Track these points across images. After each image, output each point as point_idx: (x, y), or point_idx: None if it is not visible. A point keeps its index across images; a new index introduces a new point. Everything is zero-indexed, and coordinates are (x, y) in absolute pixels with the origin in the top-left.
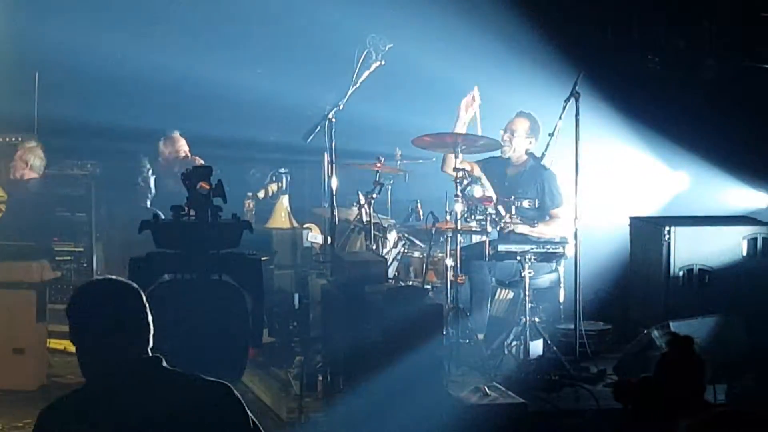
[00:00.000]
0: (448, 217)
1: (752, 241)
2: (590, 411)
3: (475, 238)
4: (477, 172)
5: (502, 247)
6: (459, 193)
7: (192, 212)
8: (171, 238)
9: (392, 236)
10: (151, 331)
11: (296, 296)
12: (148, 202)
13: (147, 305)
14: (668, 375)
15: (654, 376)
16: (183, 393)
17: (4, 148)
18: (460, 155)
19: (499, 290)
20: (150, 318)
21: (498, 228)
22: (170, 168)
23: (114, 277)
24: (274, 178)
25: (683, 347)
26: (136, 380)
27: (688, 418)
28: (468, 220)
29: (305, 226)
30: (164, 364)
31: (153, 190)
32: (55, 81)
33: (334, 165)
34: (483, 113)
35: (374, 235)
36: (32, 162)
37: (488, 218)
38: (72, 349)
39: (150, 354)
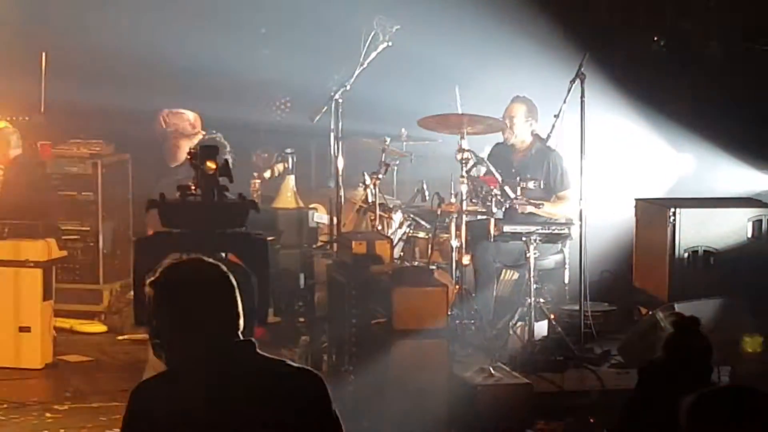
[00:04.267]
0: (453, 198)
1: (757, 223)
2: (595, 391)
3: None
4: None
5: (507, 228)
6: (464, 174)
7: (198, 191)
8: (177, 217)
9: (398, 217)
10: (241, 316)
11: (302, 276)
12: None
13: (237, 288)
14: (674, 356)
15: (660, 357)
16: (274, 380)
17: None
18: (466, 136)
19: (504, 271)
20: (240, 301)
21: (504, 209)
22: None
23: (203, 257)
24: (280, 158)
25: (689, 328)
26: (230, 366)
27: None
28: (473, 200)
29: (311, 206)
30: (257, 349)
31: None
32: (62, 61)
33: (340, 145)
34: (489, 94)
35: (380, 215)
36: (10, 139)
37: (493, 199)
38: (79, 328)
39: (242, 338)
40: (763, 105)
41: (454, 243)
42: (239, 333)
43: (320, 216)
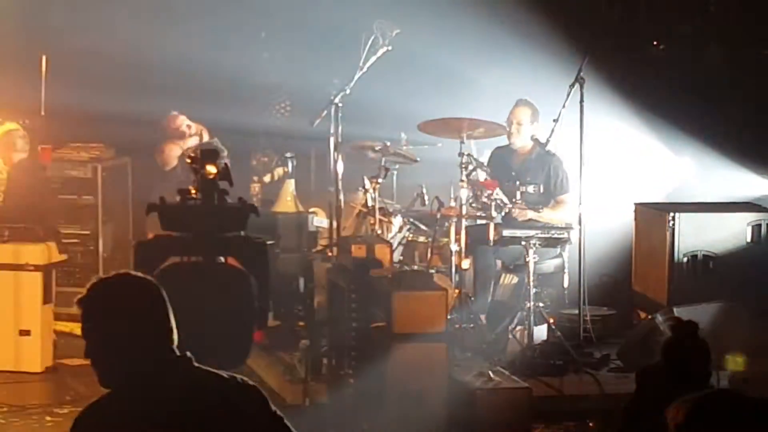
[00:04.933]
0: (453, 203)
1: (756, 228)
2: (594, 395)
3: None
4: None
5: (506, 232)
6: (464, 178)
7: (198, 195)
8: (177, 220)
9: (397, 221)
10: (174, 330)
11: (301, 280)
12: None
13: (167, 301)
14: (672, 360)
15: (658, 361)
16: (214, 395)
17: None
18: (465, 140)
19: (503, 275)
20: (171, 315)
21: (503, 213)
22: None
23: (131, 272)
24: (280, 162)
25: (687, 332)
26: (169, 383)
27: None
28: (473, 205)
29: (311, 210)
30: (195, 363)
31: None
32: (62, 64)
33: (339, 149)
34: (488, 98)
35: (379, 219)
36: (17, 142)
37: (493, 203)
38: (79, 331)
39: (177, 353)
40: (763, 109)
41: (454, 247)
42: (174, 348)
43: (320, 220)
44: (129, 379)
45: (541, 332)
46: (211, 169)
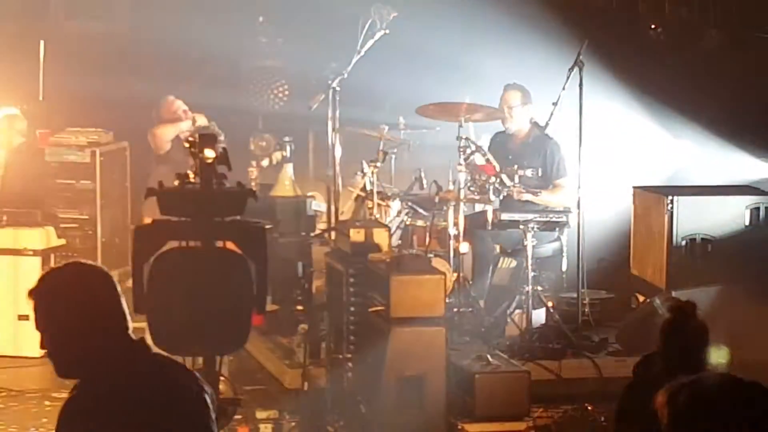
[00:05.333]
0: (451, 186)
1: (755, 211)
2: (592, 379)
3: (479, 208)
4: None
5: (505, 216)
6: (462, 161)
7: (197, 180)
8: (176, 205)
9: (396, 205)
10: (128, 316)
11: (300, 264)
12: None
13: (119, 287)
14: (671, 340)
15: (657, 342)
16: (174, 380)
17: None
18: (464, 124)
19: (501, 259)
20: (124, 301)
21: (501, 196)
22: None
23: (81, 260)
24: (278, 147)
25: (686, 312)
26: (130, 370)
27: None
28: (472, 189)
29: (309, 194)
30: (152, 350)
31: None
32: (60, 49)
33: (337, 133)
34: (487, 82)
35: (378, 203)
36: (18, 127)
37: (491, 187)
38: None
39: (133, 337)
40: (762, 93)
41: (452, 231)
42: (130, 334)
43: (318, 204)
44: (87, 368)
45: (539, 316)
46: (210, 153)
